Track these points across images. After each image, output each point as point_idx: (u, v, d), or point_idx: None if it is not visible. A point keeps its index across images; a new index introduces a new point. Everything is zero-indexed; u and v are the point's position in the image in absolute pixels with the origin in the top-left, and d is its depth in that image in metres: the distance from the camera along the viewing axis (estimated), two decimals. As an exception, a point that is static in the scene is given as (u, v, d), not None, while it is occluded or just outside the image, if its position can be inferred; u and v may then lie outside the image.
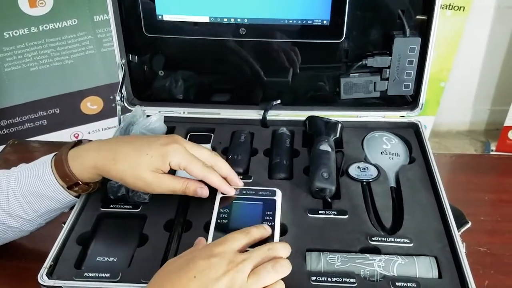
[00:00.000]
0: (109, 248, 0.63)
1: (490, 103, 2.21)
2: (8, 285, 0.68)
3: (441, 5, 0.76)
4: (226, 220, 0.63)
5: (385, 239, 0.62)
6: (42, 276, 0.58)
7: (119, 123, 0.81)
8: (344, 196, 0.70)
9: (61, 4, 1.48)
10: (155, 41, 0.83)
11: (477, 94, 2.19)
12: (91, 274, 0.58)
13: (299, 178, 0.74)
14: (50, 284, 0.57)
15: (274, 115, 0.86)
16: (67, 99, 1.63)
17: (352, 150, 0.79)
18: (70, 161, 0.63)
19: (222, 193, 0.66)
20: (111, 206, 0.68)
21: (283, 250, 0.56)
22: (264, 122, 0.85)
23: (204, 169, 0.64)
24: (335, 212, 0.67)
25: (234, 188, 0.67)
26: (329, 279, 0.57)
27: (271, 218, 0.63)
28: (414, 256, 0.60)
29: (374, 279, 0.58)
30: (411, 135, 0.82)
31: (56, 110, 1.65)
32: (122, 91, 0.82)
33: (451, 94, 2.00)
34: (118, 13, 0.80)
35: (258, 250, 0.54)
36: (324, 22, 0.77)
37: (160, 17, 0.79)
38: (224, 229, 0.61)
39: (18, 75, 1.53)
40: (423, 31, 0.78)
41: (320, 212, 0.67)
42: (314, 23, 0.78)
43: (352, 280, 0.57)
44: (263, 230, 0.59)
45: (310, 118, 0.82)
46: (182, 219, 0.66)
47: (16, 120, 1.60)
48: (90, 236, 0.64)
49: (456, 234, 0.62)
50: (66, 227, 0.64)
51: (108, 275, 0.58)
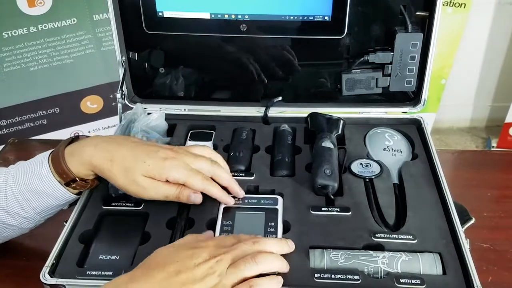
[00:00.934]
0: (111, 246, 0.63)
1: (491, 99, 2.21)
2: (11, 284, 0.68)
3: (442, 1, 0.75)
4: (230, 234, 0.63)
5: (388, 235, 0.62)
6: (44, 274, 0.57)
7: (120, 121, 0.81)
8: (346, 193, 0.69)
9: (60, 3, 1.48)
10: (156, 38, 0.82)
11: (478, 91, 2.19)
12: (93, 273, 0.58)
13: (301, 175, 0.73)
14: (52, 283, 0.57)
15: (276, 112, 0.86)
16: (67, 98, 1.63)
17: (354, 146, 0.78)
18: (67, 157, 0.62)
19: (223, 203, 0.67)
20: (113, 204, 0.68)
21: (273, 244, 0.56)
22: (265, 119, 0.85)
23: (204, 182, 0.64)
24: (338, 209, 0.66)
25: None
26: (332, 276, 0.57)
27: (273, 230, 0.64)
28: (418, 253, 0.60)
29: (378, 276, 0.58)
30: (413, 132, 0.81)
31: (56, 110, 1.64)
32: (123, 89, 0.82)
33: (452, 91, 2.00)
34: (118, 10, 0.79)
35: (243, 243, 0.55)
36: (326, 18, 0.77)
37: (160, 13, 0.79)
38: None
39: (18, 75, 1.53)
40: (425, 26, 0.78)
41: (323, 209, 0.66)
42: (315, 19, 0.77)
43: (356, 277, 0.57)
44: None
45: (312, 115, 0.82)
46: (184, 216, 0.66)
47: (16, 119, 1.60)
48: (92, 235, 0.64)
49: (460, 230, 0.62)
50: (68, 226, 0.64)
51: (110, 273, 0.58)
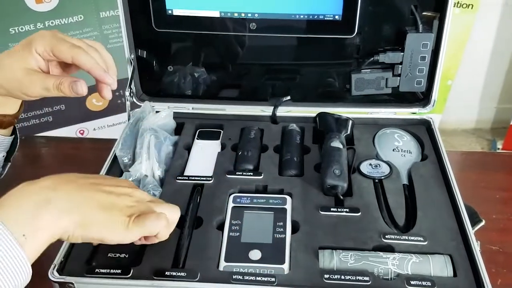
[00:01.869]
0: (120, 244, 0.62)
1: (496, 101, 2.20)
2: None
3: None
4: (238, 233, 0.63)
5: (398, 237, 0.62)
6: (52, 272, 0.57)
7: (128, 119, 0.80)
8: (356, 194, 0.69)
9: (67, 0, 1.48)
10: (165, 35, 0.82)
11: (483, 92, 2.18)
12: (102, 270, 0.57)
13: (310, 175, 0.73)
14: (61, 281, 0.56)
15: (284, 111, 0.85)
16: (73, 95, 1.63)
17: (363, 147, 0.78)
18: None
19: (98, 80, 0.57)
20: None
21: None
22: (273, 119, 0.85)
23: (73, 48, 0.56)
24: (347, 210, 0.66)
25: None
26: (342, 277, 0.56)
27: (282, 229, 0.63)
28: (429, 255, 0.59)
29: (388, 277, 0.57)
30: (422, 132, 0.81)
31: (62, 107, 1.64)
32: (131, 87, 0.82)
33: (458, 92, 1.99)
34: (128, 7, 0.79)
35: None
36: (336, 17, 0.77)
37: (170, 11, 0.79)
38: (236, 242, 0.62)
39: (24, 71, 1.53)
40: (436, 26, 0.77)
41: (332, 209, 0.66)
42: (325, 18, 0.77)
43: (366, 278, 0.56)
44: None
45: (321, 115, 0.82)
46: (193, 215, 0.66)
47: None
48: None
49: (471, 232, 0.61)
50: (76, 223, 0.64)
51: (119, 271, 0.57)
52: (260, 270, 0.58)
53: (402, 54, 0.79)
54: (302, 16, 0.77)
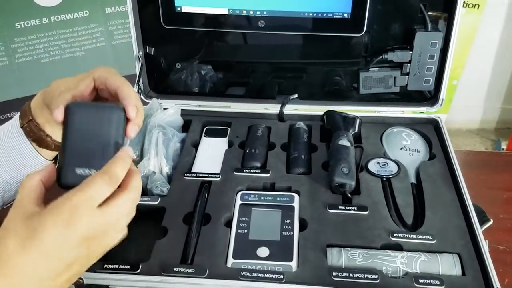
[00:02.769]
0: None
1: (501, 101, 2.19)
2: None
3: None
4: (246, 230, 0.63)
5: (407, 235, 0.62)
6: (62, 267, 0.57)
7: (136, 115, 0.80)
8: (364, 192, 0.69)
9: (73, -5, 1.48)
10: (173, 33, 0.82)
11: (488, 92, 2.17)
12: (111, 266, 0.58)
13: (317, 173, 0.73)
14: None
15: (291, 109, 0.85)
16: (78, 91, 1.63)
17: (371, 145, 0.78)
18: (27, 103, 0.60)
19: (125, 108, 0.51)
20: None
21: (140, 184, 0.49)
22: (281, 116, 0.85)
23: (125, 81, 0.54)
24: (355, 208, 0.66)
25: None
26: (350, 275, 0.57)
27: (290, 227, 0.63)
28: (437, 253, 0.59)
29: (396, 275, 0.58)
30: (430, 131, 0.81)
31: (67, 102, 1.64)
32: (139, 83, 0.82)
33: (463, 92, 1.99)
34: (136, 4, 0.79)
35: (123, 205, 0.47)
36: (345, 15, 0.77)
37: (178, 8, 0.79)
38: (244, 239, 0.62)
39: (29, 66, 1.53)
40: (444, 26, 0.77)
41: (340, 207, 0.66)
42: (334, 16, 0.77)
43: (375, 276, 0.56)
44: (128, 162, 0.48)
45: (328, 113, 0.82)
46: (201, 212, 0.66)
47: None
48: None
49: (479, 231, 0.62)
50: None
51: (128, 267, 0.58)
52: (268, 267, 0.58)
53: (411, 52, 0.78)
54: (310, 14, 0.77)
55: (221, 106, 0.87)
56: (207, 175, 0.72)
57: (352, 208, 0.66)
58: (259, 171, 0.73)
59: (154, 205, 0.67)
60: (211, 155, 0.78)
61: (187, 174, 0.72)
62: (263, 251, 0.60)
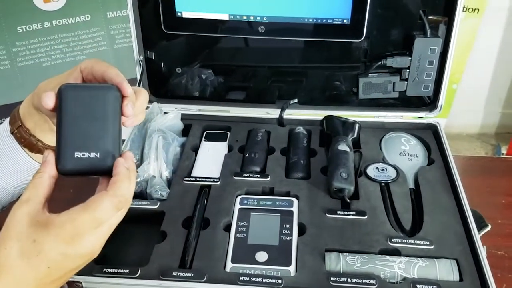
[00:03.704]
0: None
1: (501, 106, 2.20)
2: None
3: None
4: (245, 235, 0.63)
5: (405, 241, 0.62)
6: (61, 271, 0.57)
7: (136, 120, 0.81)
8: (362, 197, 0.69)
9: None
10: (174, 37, 0.82)
11: (488, 97, 2.18)
12: (110, 270, 0.58)
13: (316, 177, 0.73)
14: (69, 280, 0.57)
15: (291, 114, 0.86)
16: (79, 94, 1.63)
17: (370, 150, 0.78)
18: (16, 109, 0.59)
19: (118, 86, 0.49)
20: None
21: (131, 190, 0.48)
22: (280, 121, 0.85)
23: (111, 66, 0.52)
24: (354, 213, 0.66)
25: None
26: (348, 280, 0.57)
27: (288, 231, 0.63)
28: (435, 259, 0.59)
29: (394, 281, 0.58)
30: (429, 136, 0.81)
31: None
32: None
33: (463, 97, 1.99)
34: (138, 9, 0.80)
35: (121, 216, 0.47)
36: (345, 21, 0.77)
37: (179, 13, 0.79)
38: (243, 243, 0.62)
39: (31, 70, 1.53)
40: (444, 32, 0.78)
41: (338, 212, 0.66)
42: (334, 22, 0.77)
43: (373, 281, 0.56)
44: (133, 173, 0.48)
45: (327, 118, 0.82)
46: (200, 216, 0.66)
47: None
48: (109, 232, 0.64)
49: (477, 237, 0.62)
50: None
51: (127, 271, 0.58)
52: (267, 271, 0.59)
53: (410, 58, 0.79)
54: (310, 20, 0.77)
55: (221, 111, 0.87)
56: (206, 180, 0.72)
57: (351, 213, 0.66)
58: (259, 176, 0.73)
59: (153, 209, 0.67)
60: (210, 159, 0.78)
61: (187, 178, 0.73)
62: (262, 256, 0.60)
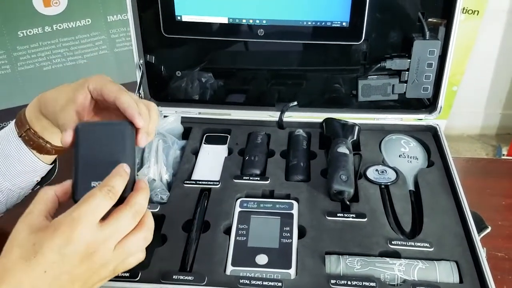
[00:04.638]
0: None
1: (501, 107, 2.20)
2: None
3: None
4: (245, 238, 0.63)
5: (405, 243, 0.62)
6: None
7: (136, 123, 0.81)
8: (362, 199, 0.69)
9: (75, 4, 1.49)
10: (173, 41, 0.83)
11: (488, 98, 2.18)
12: (110, 274, 0.58)
13: (316, 180, 0.73)
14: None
15: (290, 116, 0.86)
16: (80, 98, 1.63)
17: (369, 152, 0.78)
18: (25, 110, 0.61)
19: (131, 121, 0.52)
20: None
21: (145, 202, 0.48)
22: (280, 124, 0.85)
23: (121, 90, 0.54)
24: (354, 215, 0.66)
25: None
26: (349, 282, 0.57)
27: (288, 234, 0.64)
28: (435, 261, 0.59)
29: (394, 283, 0.58)
30: (429, 138, 0.81)
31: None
32: (140, 91, 0.82)
33: (463, 98, 1.99)
34: (137, 13, 0.80)
35: (124, 219, 0.46)
36: (343, 24, 0.77)
37: (179, 17, 0.79)
38: (243, 246, 0.62)
39: (32, 74, 1.54)
40: (443, 34, 0.78)
41: (338, 214, 0.67)
42: (333, 25, 0.77)
43: (373, 284, 0.57)
44: (125, 176, 0.48)
45: (327, 120, 0.82)
46: (200, 220, 0.66)
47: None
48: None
49: (477, 239, 0.62)
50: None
51: (127, 274, 0.58)
52: (267, 274, 0.59)
53: (409, 61, 0.79)
54: (309, 23, 0.78)
55: (221, 114, 0.87)
56: (206, 183, 0.72)
57: (351, 215, 0.66)
58: (259, 178, 0.73)
59: (153, 212, 0.67)
60: (211, 162, 0.78)
61: (187, 182, 0.73)
62: (262, 259, 0.61)
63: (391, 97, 0.83)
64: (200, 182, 0.73)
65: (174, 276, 0.58)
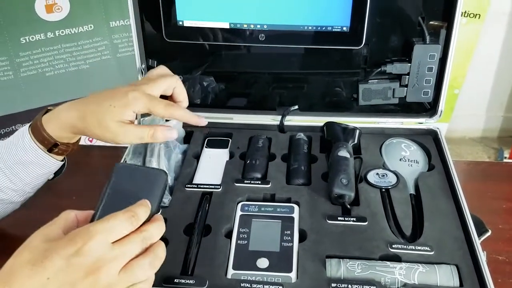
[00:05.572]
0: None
1: (503, 110, 2.20)
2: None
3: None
4: (246, 241, 0.64)
5: (405, 246, 0.62)
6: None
7: (138, 128, 0.81)
8: (363, 203, 0.70)
9: (77, 9, 1.50)
10: (175, 46, 0.83)
11: (490, 101, 2.18)
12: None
13: (317, 184, 0.74)
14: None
15: (291, 120, 0.86)
16: (82, 103, 1.64)
17: (370, 156, 0.78)
18: (45, 125, 0.65)
19: (193, 124, 0.71)
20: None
21: (158, 233, 0.50)
22: (281, 128, 0.86)
23: (167, 107, 0.65)
24: (355, 219, 0.66)
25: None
26: (349, 286, 0.57)
27: (289, 238, 0.64)
28: (435, 265, 0.60)
29: (394, 287, 0.58)
30: (429, 142, 0.81)
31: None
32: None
33: (465, 101, 1.99)
34: (139, 18, 0.81)
35: (133, 242, 0.46)
36: (344, 28, 0.78)
37: (180, 22, 0.80)
38: (244, 250, 0.63)
39: (34, 79, 1.55)
40: (443, 37, 0.78)
41: (339, 218, 0.67)
42: (333, 30, 0.78)
43: (373, 287, 0.57)
44: (147, 210, 0.50)
45: (328, 124, 0.82)
46: (202, 223, 0.67)
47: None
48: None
49: (477, 243, 0.62)
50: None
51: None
52: (268, 278, 0.59)
53: (409, 65, 0.79)
54: (310, 28, 0.78)
55: (222, 118, 0.88)
56: (208, 186, 0.73)
57: (351, 219, 0.67)
58: (260, 182, 0.74)
59: (155, 216, 0.68)
60: (212, 166, 0.79)
61: (188, 185, 0.73)
62: (263, 262, 0.61)
63: (392, 101, 0.83)
64: (202, 186, 0.73)
65: (176, 280, 0.58)
